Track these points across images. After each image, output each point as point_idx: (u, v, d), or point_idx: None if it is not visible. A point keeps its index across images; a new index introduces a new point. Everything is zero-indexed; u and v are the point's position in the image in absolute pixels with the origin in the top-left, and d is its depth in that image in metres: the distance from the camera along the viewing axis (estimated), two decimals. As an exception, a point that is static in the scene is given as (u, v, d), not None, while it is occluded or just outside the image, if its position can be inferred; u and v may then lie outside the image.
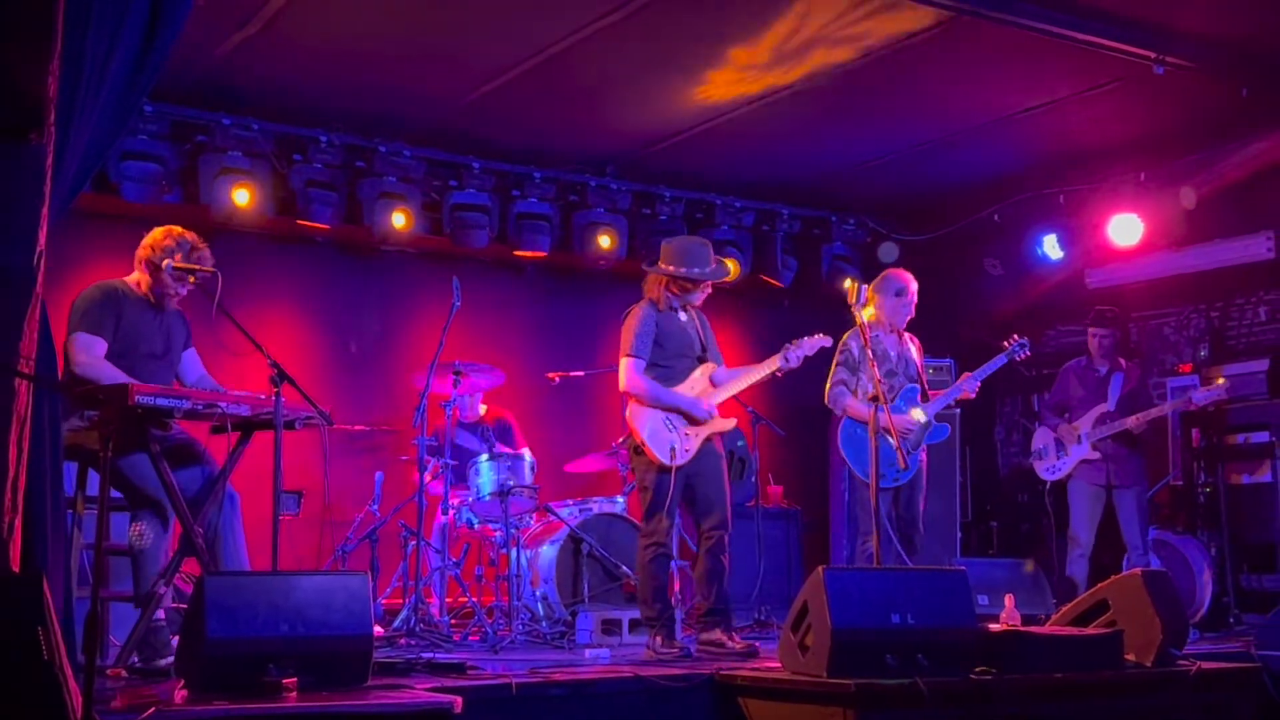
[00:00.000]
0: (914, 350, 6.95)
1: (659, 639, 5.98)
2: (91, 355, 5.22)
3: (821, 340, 6.46)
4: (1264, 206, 8.46)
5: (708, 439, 6.22)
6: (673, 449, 6.04)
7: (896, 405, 6.61)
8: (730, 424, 6.33)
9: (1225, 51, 7.17)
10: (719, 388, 6.30)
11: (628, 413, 6.21)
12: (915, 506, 6.73)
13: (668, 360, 6.22)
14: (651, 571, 6.09)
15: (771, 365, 6.34)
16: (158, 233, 5.49)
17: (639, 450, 6.13)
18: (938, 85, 7.63)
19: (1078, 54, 7.00)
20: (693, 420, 6.16)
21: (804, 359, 6.37)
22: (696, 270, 6.22)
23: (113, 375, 5.18)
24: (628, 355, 6.16)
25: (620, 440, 6.67)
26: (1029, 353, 7.08)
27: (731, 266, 9.02)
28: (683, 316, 6.33)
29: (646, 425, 6.11)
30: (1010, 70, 7.39)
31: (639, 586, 6.22)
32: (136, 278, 5.52)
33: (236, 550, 5.41)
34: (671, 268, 6.23)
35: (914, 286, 6.87)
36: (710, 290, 6.37)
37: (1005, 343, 7.05)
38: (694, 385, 6.26)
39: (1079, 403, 7.94)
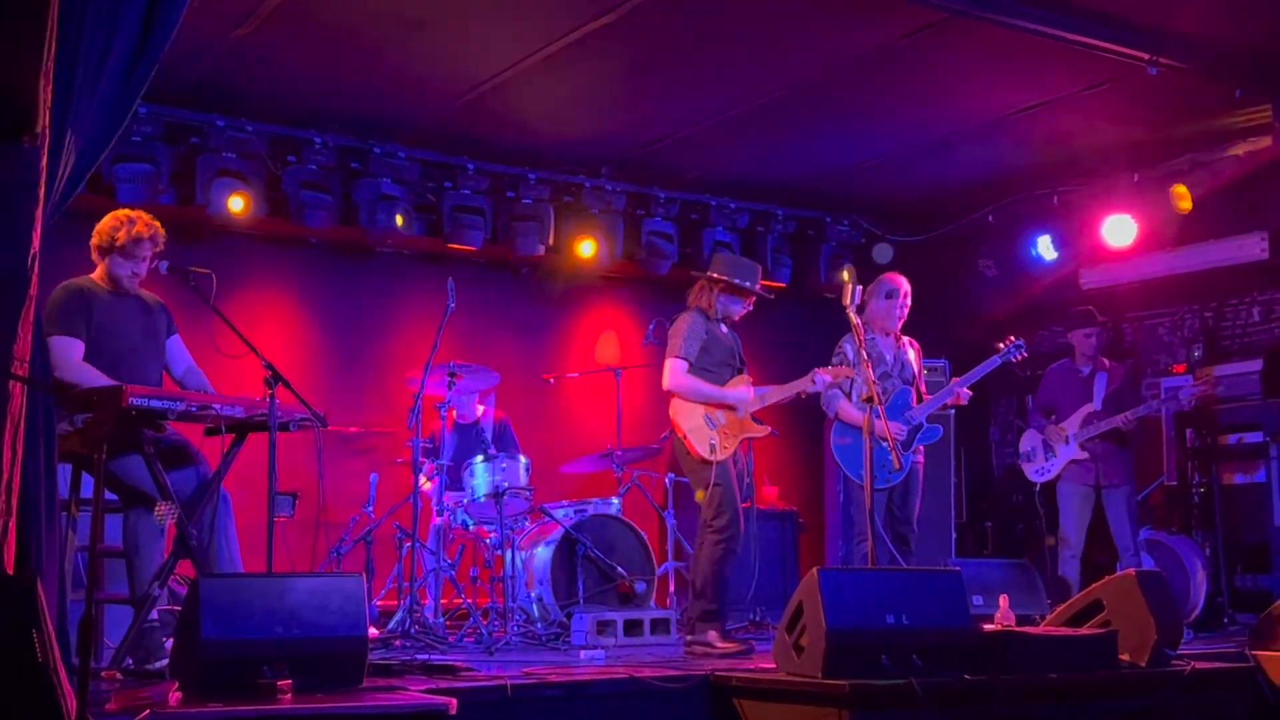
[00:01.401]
0: (912, 354, 6.95)
1: (713, 634, 6.06)
2: (69, 358, 5.15)
3: (847, 372, 6.63)
4: (1257, 207, 8.47)
5: (743, 447, 6.42)
6: (712, 445, 6.25)
7: (888, 409, 6.63)
8: (765, 430, 6.52)
9: (1219, 52, 7.18)
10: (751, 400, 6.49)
11: (671, 411, 6.43)
12: (910, 507, 6.75)
13: (713, 367, 6.42)
14: (718, 568, 6.21)
15: (799, 386, 6.49)
16: (105, 219, 5.43)
17: (688, 451, 6.31)
18: (932, 86, 7.63)
19: (1071, 55, 7.01)
20: (732, 416, 6.35)
21: (828, 384, 6.57)
22: (748, 284, 6.46)
23: (93, 378, 5.13)
24: (675, 356, 6.39)
25: (662, 438, 6.82)
26: (1025, 354, 7.07)
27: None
28: (724, 328, 6.54)
29: (689, 421, 6.33)
30: (1004, 71, 7.40)
31: (700, 581, 6.28)
32: (100, 271, 5.47)
33: (230, 552, 5.40)
34: (724, 276, 6.45)
35: (906, 289, 6.89)
36: (750, 308, 6.60)
37: (1000, 345, 7.03)
38: (734, 393, 6.44)
39: (1065, 404, 7.95)
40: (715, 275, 6.51)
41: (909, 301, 6.91)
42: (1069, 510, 7.83)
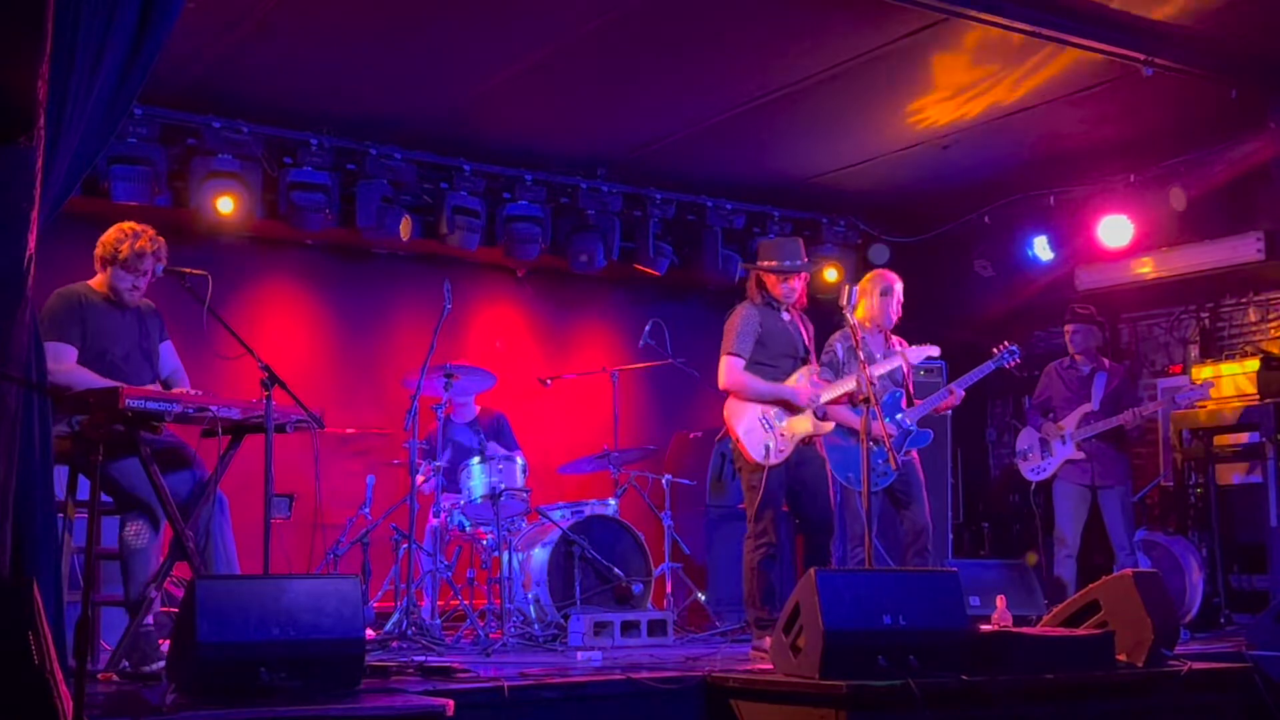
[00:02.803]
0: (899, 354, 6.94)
1: (769, 639, 6.04)
2: (61, 363, 5.15)
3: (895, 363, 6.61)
4: (1253, 208, 8.47)
5: (806, 442, 6.24)
6: (767, 448, 6.10)
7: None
8: (829, 427, 6.32)
9: (1214, 53, 7.19)
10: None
11: (725, 412, 6.28)
12: (919, 513, 6.70)
13: (772, 360, 6.28)
14: (761, 572, 6.14)
15: (846, 386, 6.38)
16: (110, 231, 5.46)
17: (741, 454, 6.21)
18: (927, 87, 7.63)
19: (1067, 56, 7.02)
20: (793, 412, 6.19)
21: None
22: (788, 263, 6.30)
23: (86, 379, 5.14)
24: (728, 353, 6.24)
25: (718, 436, 6.75)
26: (1020, 359, 7.06)
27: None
28: (785, 316, 6.38)
29: (742, 423, 6.18)
30: (999, 72, 7.40)
31: (746, 588, 6.22)
32: (99, 279, 5.49)
33: (226, 554, 5.39)
34: (763, 263, 6.33)
35: (899, 286, 6.89)
36: (800, 286, 6.36)
37: (995, 349, 7.03)
38: (795, 383, 6.29)
39: (1063, 402, 7.96)
40: (759, 263, 6.38)
41: (902, 298, 6.92)
42: (1065, 510, 7.83)
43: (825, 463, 6.32)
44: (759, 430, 6.15)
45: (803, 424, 6.23)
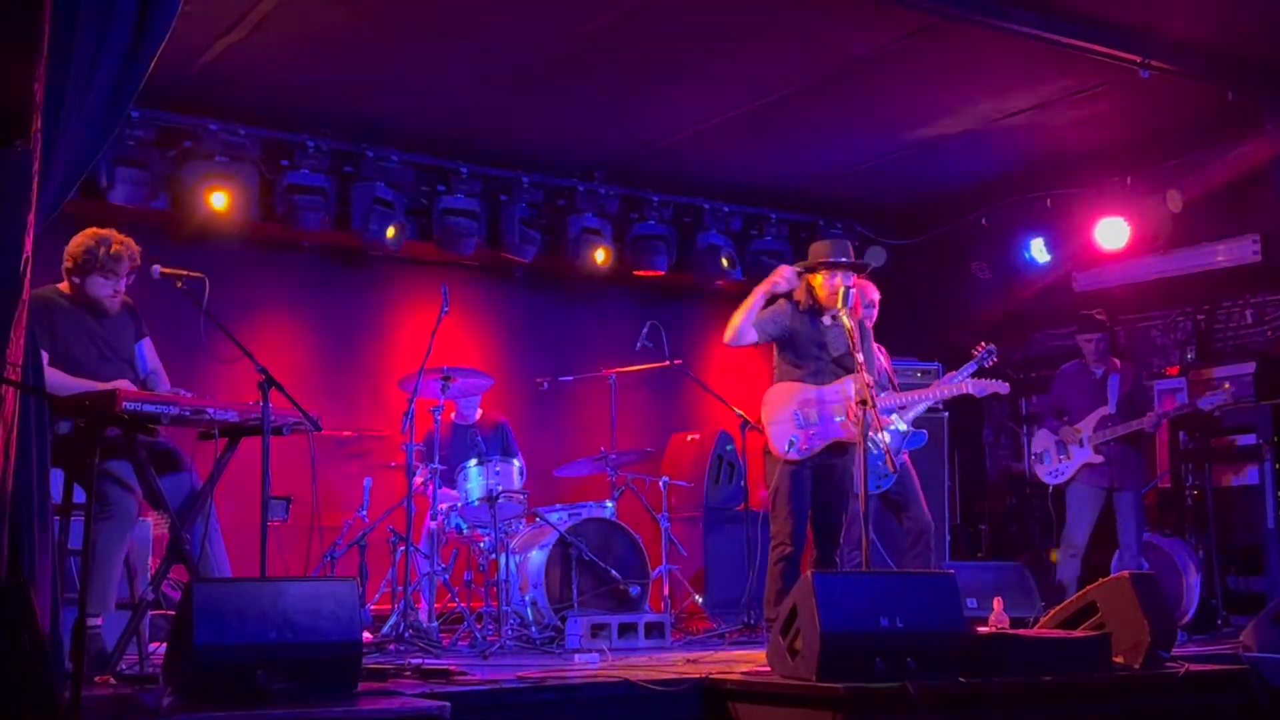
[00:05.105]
0: (883, 359, 6.98)
1: None
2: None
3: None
4: (1250, 209, 8.48)
5: (835, 448, 6.18)
6: (791, 443, 6.07)
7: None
8: (852, 439, 6.11)
9: (1210, 55, 7.20)
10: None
11: (762, 401, 6.27)
12: (922, 517, 6.69)
13: (799, 359, 6.27)
14: (774, 574, 6.13)
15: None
16: (76, 240, 5.33)
17: (768, 444, 6.18)
18: (925, 89, 7.65)
19: (1064, 58, 7.03)
20: (828, 415, 6.12)
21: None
22: (831, 258, 6.23)
23: (59, 383, 5.06)
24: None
25: (742, 425, 6.71)
26: (996, 359, 7.15)
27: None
28: (826, 320, 6.30)
29: (775, 414, 6.17)
30: (997, 74, 7.41)
31: (765, 591, 6.23)
32: (67, 284, 5.39)
33: (218, 559, 5.37)
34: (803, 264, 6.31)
35: (875, 290, 6.95)
36: (840, 284, 6.17)
37: (974, 351, 7.12)
38: (834, 391, 6.22)
39: (1077, 406, 7.95)
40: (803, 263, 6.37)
41: (877, 299, 6.95)
42: (1079, 513, 7.81)
43: (851, 475, 6.23)
44: (789, 424, 6.14)
45: (834, 429, 6.17)
